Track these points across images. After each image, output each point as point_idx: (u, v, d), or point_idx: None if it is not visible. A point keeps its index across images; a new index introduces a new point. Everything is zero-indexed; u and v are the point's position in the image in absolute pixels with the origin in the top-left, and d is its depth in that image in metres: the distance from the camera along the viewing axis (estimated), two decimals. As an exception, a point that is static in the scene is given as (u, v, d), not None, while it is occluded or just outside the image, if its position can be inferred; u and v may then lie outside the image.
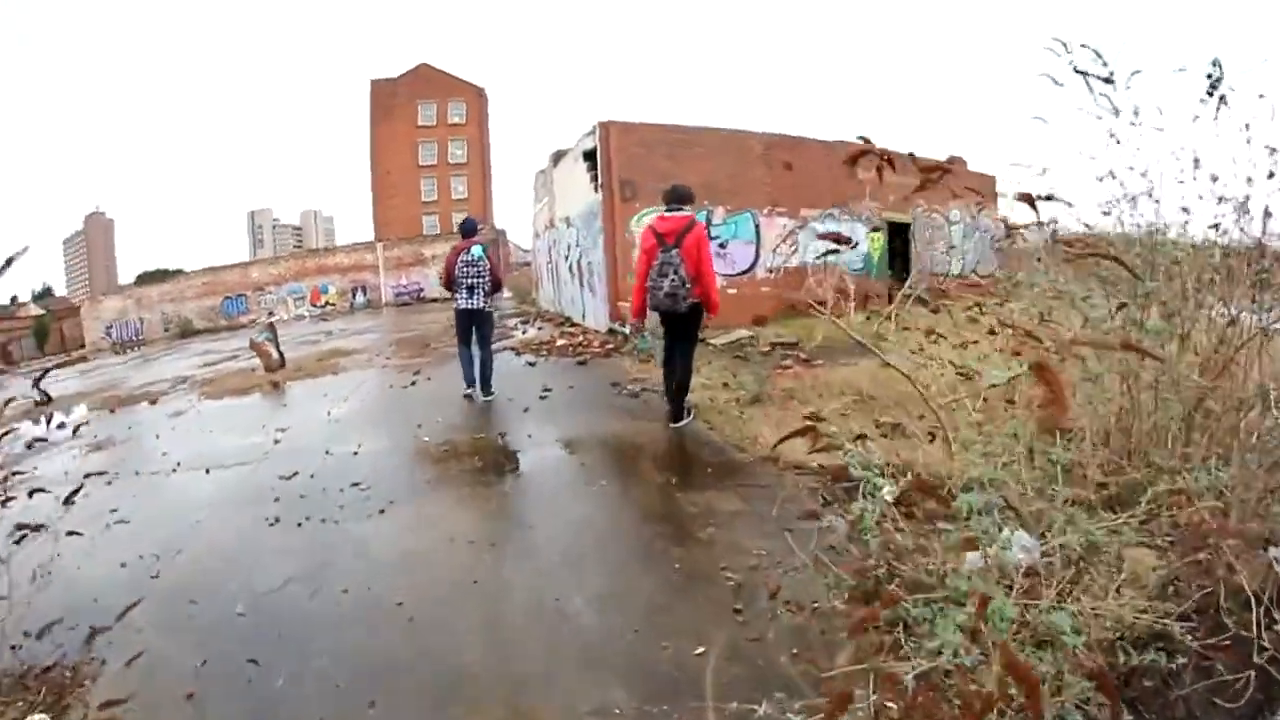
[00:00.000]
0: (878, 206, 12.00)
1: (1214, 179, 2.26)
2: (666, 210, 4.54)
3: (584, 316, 10.75)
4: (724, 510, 3.15)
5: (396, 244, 26.97)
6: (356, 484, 3.78)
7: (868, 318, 9.52)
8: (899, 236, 12.89)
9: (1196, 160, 2.27)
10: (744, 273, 9.49)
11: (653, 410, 4.98)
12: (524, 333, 10.85)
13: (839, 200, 11.16)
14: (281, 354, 8.63)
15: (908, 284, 8.35)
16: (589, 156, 9.18)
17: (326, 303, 25.50)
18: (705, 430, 4.47)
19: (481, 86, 39.73)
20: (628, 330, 7.73)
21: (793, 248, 10.14)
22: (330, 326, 17.58)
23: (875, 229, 11.98)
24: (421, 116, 38.64)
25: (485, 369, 5.67)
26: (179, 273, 26.92)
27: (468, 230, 5.82)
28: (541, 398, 5.62)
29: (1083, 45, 2.24)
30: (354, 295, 25.90)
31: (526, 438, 4.55)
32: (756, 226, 9.62)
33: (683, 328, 4.53)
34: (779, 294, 9.86)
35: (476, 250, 5.54)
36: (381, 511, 3.37)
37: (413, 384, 6.68)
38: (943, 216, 14.04)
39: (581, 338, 8.49)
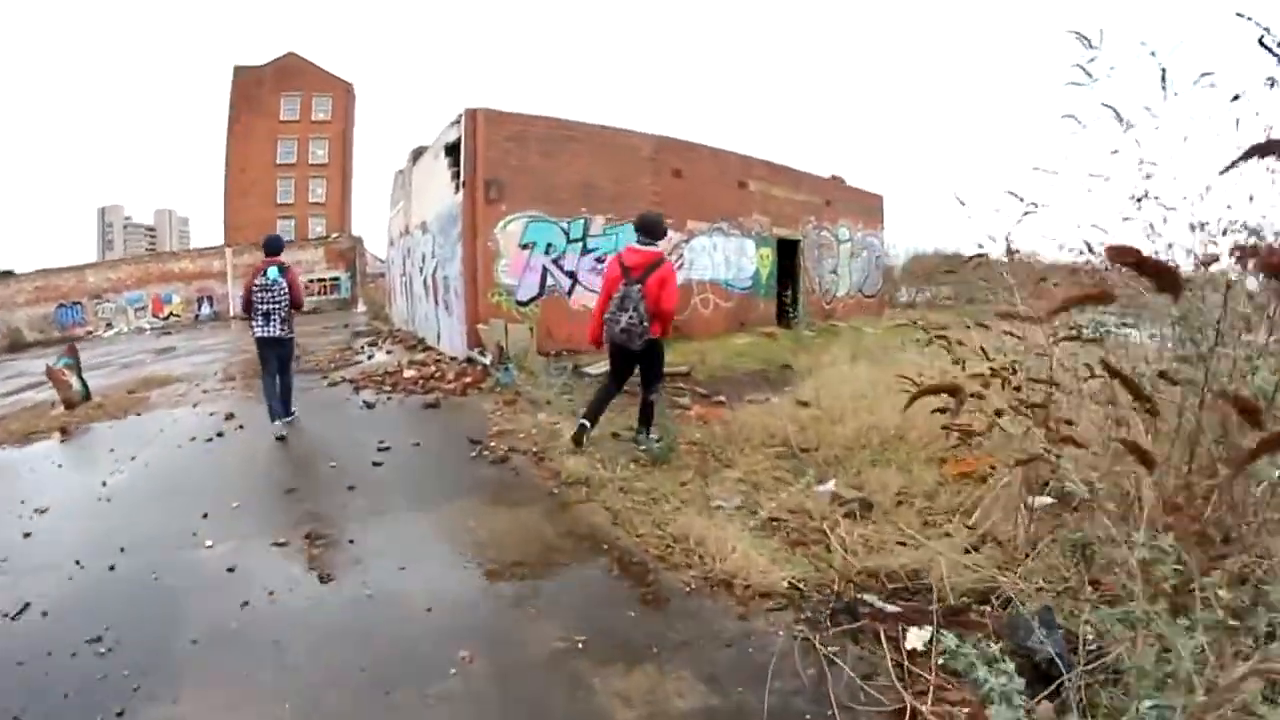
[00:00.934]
0: (768, 221, 12.20)
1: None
2: (637, 242, 4.60)
3: (439, 339, 9.99)
4: (681, 714, 1.96)
5: (247, 250, 24.46)
6: (96, 640, 2.44)
7: (770, 336, 9.26)
8: (788, 254, 13.20)
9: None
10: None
11: (526, 487, 3.92)
12: (369, 357, 9.92)
13: (728, 213, 11.20)
14: (85, 385, 7.14)
15: (799, 308, 8.25)
16: (451, 151, 8.44)
17: (170, 314, 23.70)
18: (608, 526, 3.33)
19: (350, 82, 39.12)
20: (488, 360, 7.12)
21: (678, 263, 9.98)
22: (167, 342, 16.22)
23: (763, 245, 12.15)
24: (284, 111, 37.29)
25: (285, 392, 5.52)
26: (8, 275, 22.82)
27: (271, 248, 5.51)
28: (375, 464, 4.45)
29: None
30: (199, 306, 24.20)
31: (348, 544, 3.25)
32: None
33: (634, 363, 4.68)
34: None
35: (272, 272, 5.24)
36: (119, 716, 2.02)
37: (219, 435, 5.39)
38: (831, 234, 14.57)
39: (434, 367, 7.76)
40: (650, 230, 4.60)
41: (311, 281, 26.91)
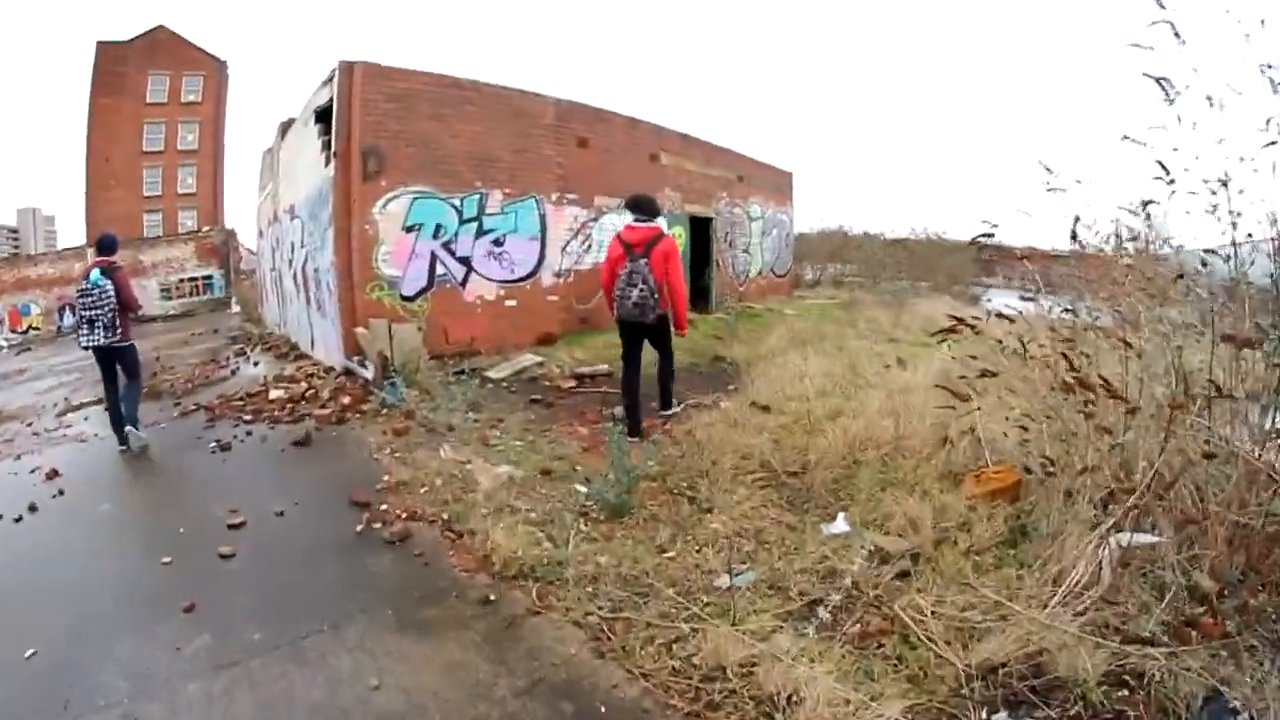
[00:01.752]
0: (680, 198, 11.89)
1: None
2: (634, 220, 5.04)
3: (313, 345, 8.95)
4: None
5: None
6: None
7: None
8: (701, 233, 12.99)
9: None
10: (526, 278, 8.55)
11: (445, 589, 2.95)
12: (234, 371, 8.73)
13: (640, 189, 10.70)
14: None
15: (714, 291, 7.84)
16: (323, 117, 7.37)
17: (30, 327, 22.33)
18: (591, 660, 2.40)
19: (224, 59, 37.95)
20: (370, 373, 6.28)
21: (585, 244, 9.45)
22: (19, 363, 14.75)
23: (676, 223, 11.82)
24: (151, 92, 35.76)
25: (129, 406, 5.28)
26: None
27: (102, 247, 5.36)
28: (224, 555, 3.35)
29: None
30: (60, 316, 22.47)
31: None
32: (542, 217, 8.71)
33: (648, 338, 5.09)
34: (569, 304, 9.17)
35: (94, 275, 5.06)
36: None
37: (31, 510, 4.08)
38: (744, 211, 14.52)
39: (306, 384, 6.80)
40: (647, 209, 5.07)
41: (182, 281, 25.95)
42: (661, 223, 5.23)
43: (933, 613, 2.40)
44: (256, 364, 9.37)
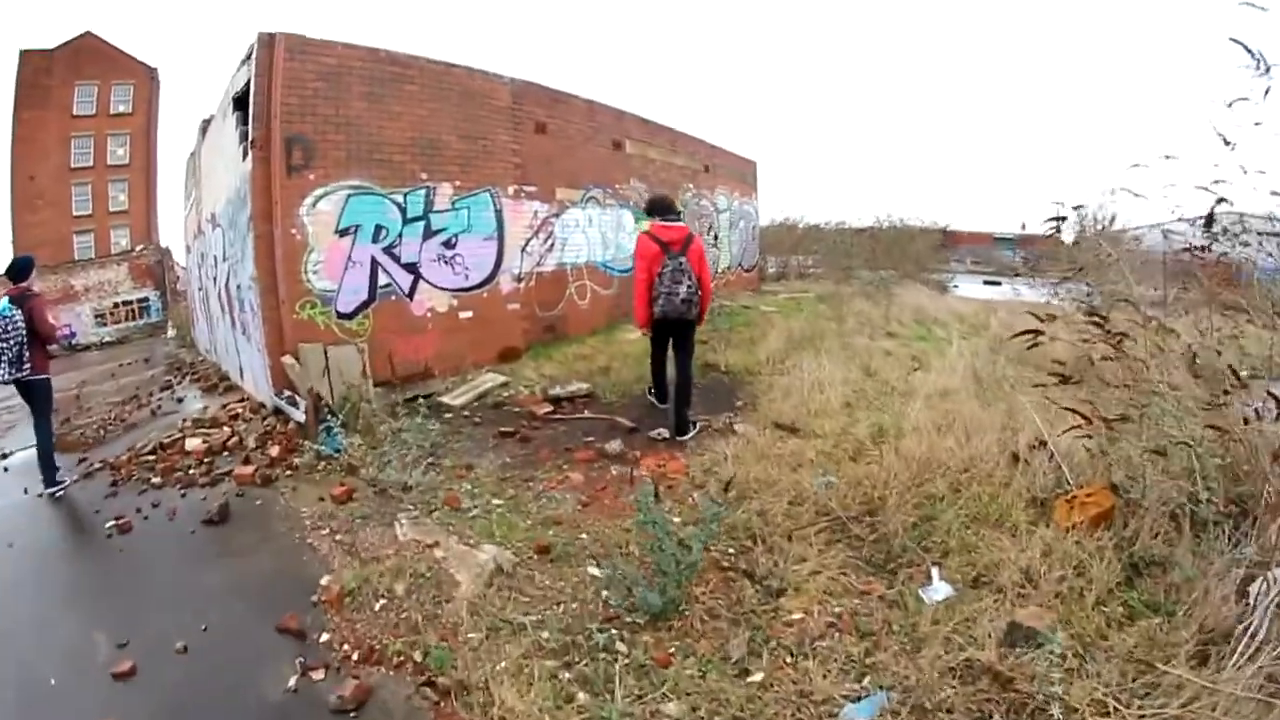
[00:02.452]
0: (645, 189, 11.28)
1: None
2: (662, 220, 5.31)
3: (241, 375, 8.00)
4: None
5: (39, 274, 19.76)
6: None
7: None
8: (668, 227, 12.40)
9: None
10: (482, 284, 7.77)
11: None
12: (155, 411, 7.76)
13: (603, 179, 10.10)
14: None
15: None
16: (241, 103, 6.44)
17: None
18: None
19: (154, 66, 37.34)
20: (302, 414, 5.41)
21: (547, 243, 8.74)
22: None
23: (642, 217, 11.18)
24: (78, 103, 35.06)
25: (41, 445, 5.04)
26: None
27: (12, 273, 5.22)
28: None
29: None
30: None
31: None
32: (498, 213, 7.95)
33: (686, 334, 5.31)
34: (532, 312, 8.45)
35: (2, 304, 4.95)
36: None
37: None
38: (710, 202, 14.06)
39: (229, 429, 5.87)
40: (670, 209, 5.45)
41: (117, 305, 24.90)
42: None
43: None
44: (181, 399, 8.37)
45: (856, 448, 4.32)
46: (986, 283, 23.72)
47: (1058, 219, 3.50)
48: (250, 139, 6.03)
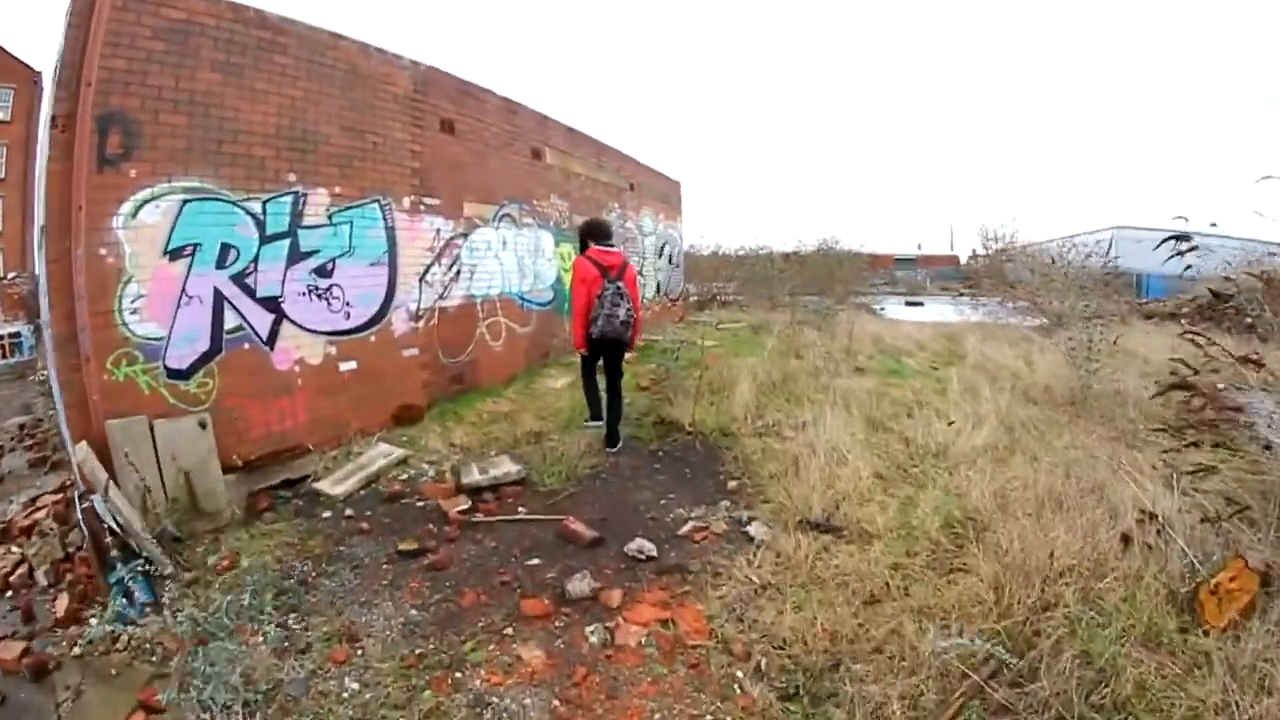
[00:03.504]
0: (567, 208, 10.26)
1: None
2: (600, 245, 6.02)
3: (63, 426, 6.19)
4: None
5: None
6: None
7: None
8: (591, 251, 11.42)
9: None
10: (369, 325, 6.41)
11: None
12: None
13: (520, 193, 8.99)
14: None
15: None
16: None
17: None
18: None
19: (38, 70, 34.59)
20: (117, 520, 3.81)
21: (453, 271, 7.50)
22: None
23: (565, 240, 10.12)
24: None
25: None
26: None
27: None
28: None
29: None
30: None
31: None
32: (391, 231, 6.64)
33: (618, 355, 6.02)
34: (435, 358, 7.16)
35: None
36: None
37: None
38: (635, 226, 13.29)
39: (17, 548, 4.21)
40: (609, 234, 6.14)
41: None
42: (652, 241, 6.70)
43: None
44: (2, 478, 6.37)
45: (932, 550, 3.46)
46: (909, 303, 24.71)
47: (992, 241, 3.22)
48: (51, 114, 4.48)
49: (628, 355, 6.20)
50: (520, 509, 4.72)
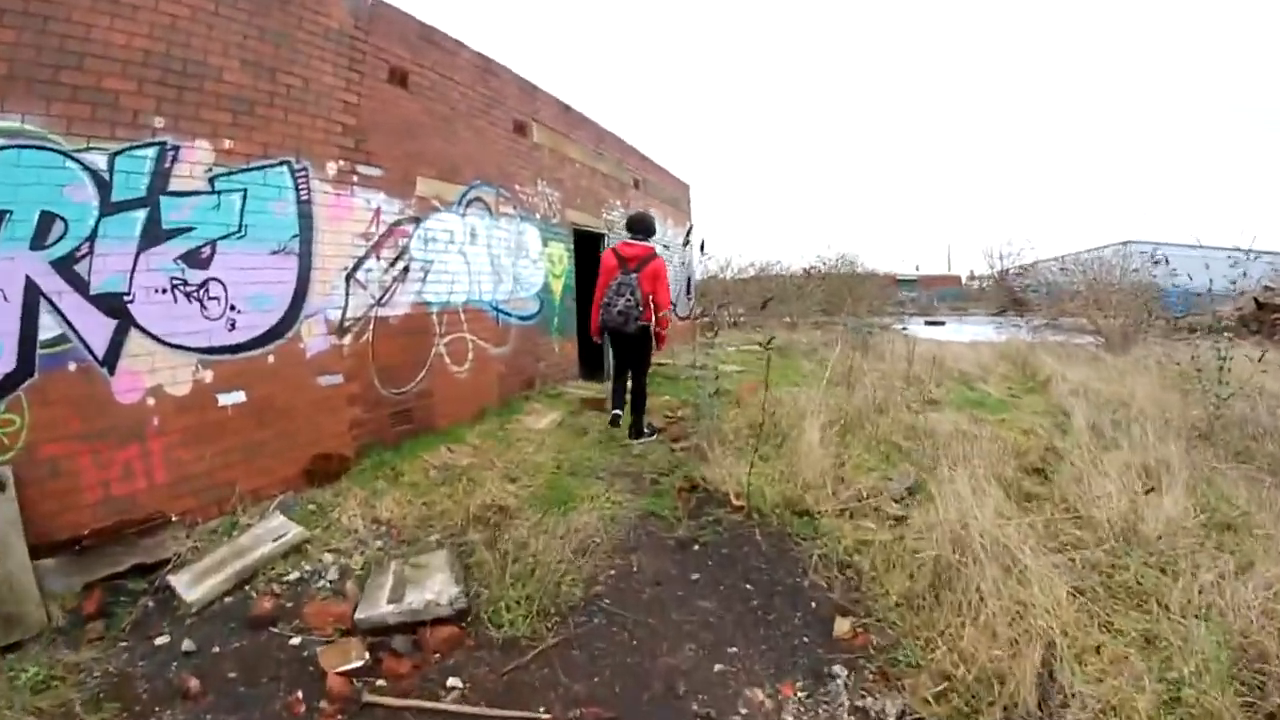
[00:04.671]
0: (560, 199, 8.81)
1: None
2: (631, 237, 6.56)
3: None
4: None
5: None
6: None
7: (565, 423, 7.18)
8: (588, 254, 10.00)
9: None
10: (267, 339, 4.88)
11: None
12: None
13: (497, 174, 7.51)
14: None
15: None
16: None
17: None
18: None
19: None
20: None
21: (397, 265, 5.97)
22: None
23: (555, 238, 8.62)
24: None
25: None
26: None
27: None
28: None
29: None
30: None
31: None
32: (305, 207, 5.13)
33: (630, 348, 6.48)
34: (369, 388, 5.61)
35: None
36: None
37: None
38: (643, 227, 11.78)
39: None
40: (646, 230, 6.62)
41: None
42: (654, 243, 6.72)
43: None
44: None
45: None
46: (929, 323, 24.19)
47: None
48: None
49: (661, 352, 6.61)
50: (452, 685, 2.96)
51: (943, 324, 25.53)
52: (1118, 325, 13.54)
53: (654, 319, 6.27)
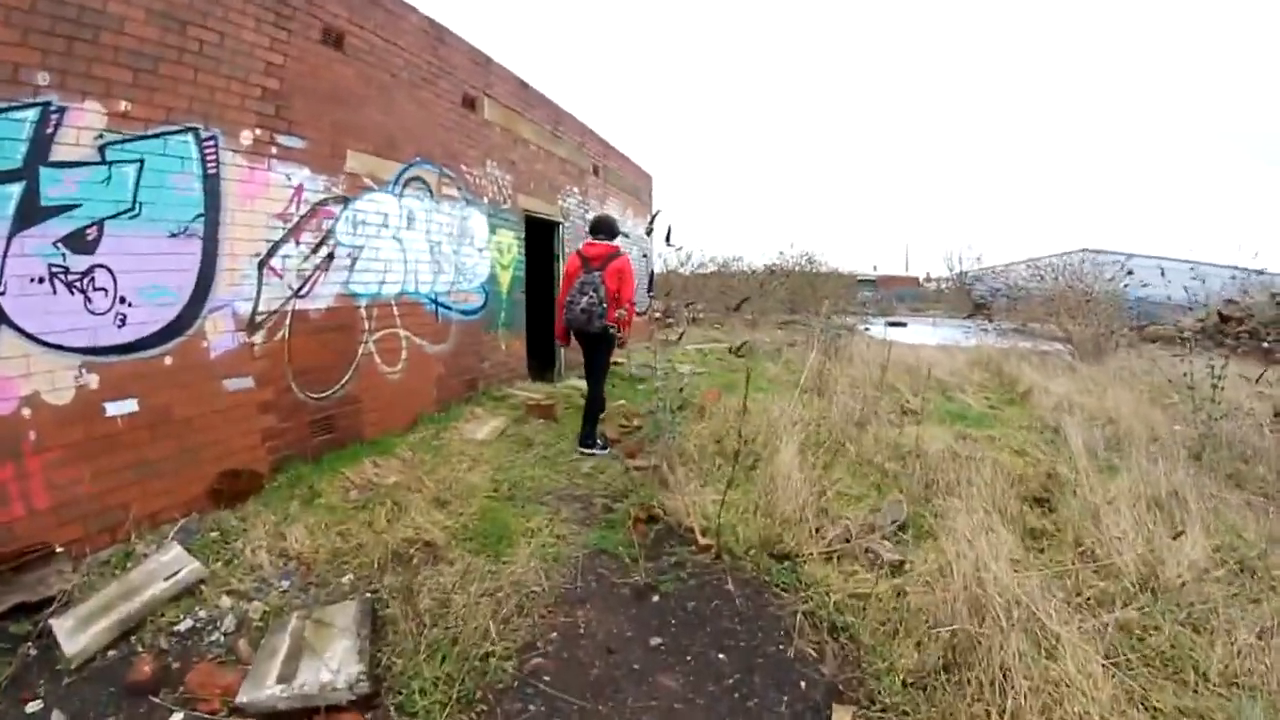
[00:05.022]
0: (511, 183, 8.30)
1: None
2: (594, 238, 6.47)
3: None
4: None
5: None
6: None
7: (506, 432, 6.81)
8: (541, 243, 9.51)
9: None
10: (164, 336, 4.30)
11: None
12: None
13: (443, 154, 6.99)
14: None
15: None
16: None
17: None
18: None
19: None
20: None
21: (321, 250, 5.43)
22: None
23: (504, 225, 8.10)
24: None
25: None
26: None
27: None
28: None
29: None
30: None
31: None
32: (213, 180, 4.54)
33: (591, 347, 6.37)
34: (286, 393, 5.07)
35: None
36: None
37: None
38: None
39: None
40: (609, 231, 6.54)
41: None
42: (620, 242, 6.63)
43: None
44: None
45: None
46: (890, 324, 24.20)
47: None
48: None
49: (616, 351, 6.56)
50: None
51: (904, 325, 25.53)
52: (1089, 333, 13.58)
53: (616, 316, 6.09)
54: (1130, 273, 14.36)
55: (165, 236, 4.30)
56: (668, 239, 6.48)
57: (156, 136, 4.25)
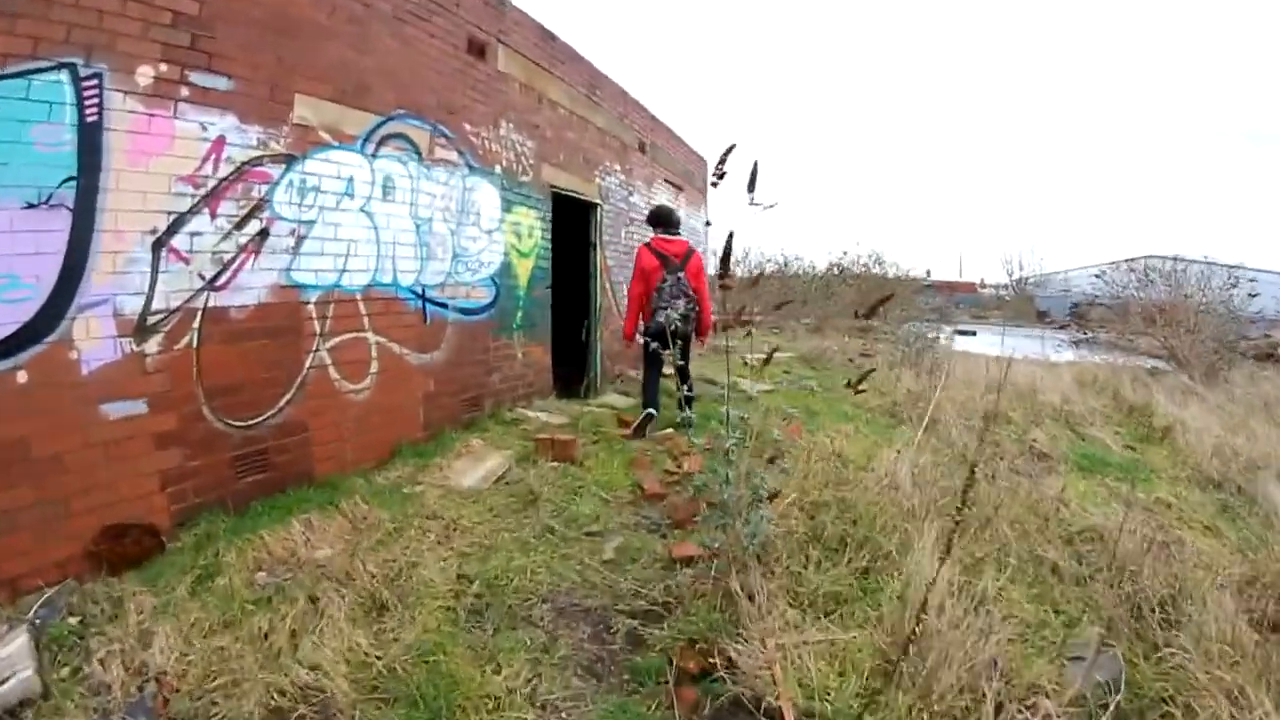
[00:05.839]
0: (534, 150, 7.25)
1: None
2: (664, 233, 6.53)
3: None
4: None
5: None
6: None
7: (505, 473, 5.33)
8: (575, 227, 8.77)
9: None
10: (11, 345, 3.33)
11: None
12: None
13: (439, 109, 5.99)
14: None
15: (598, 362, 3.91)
16: None
17: None
18: None
19: None
20: None
21: (250, 224, 4.38)
22: None
23: (523, 203, 7.03)
24: None
25: None
26: None
27: None
28: None
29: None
30: None
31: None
32: (92, 130, 3.58)
33: (685, 348, 5.83)
34: (198, 418, 4.07)
35: None
36: None
37: None
38: (646, 202, 10.60)
39: None
40: (673, 222, 6.62)
41: None
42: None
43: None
44: None
45: None
46: (959, 333, 23.28)
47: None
48: None
49: (698, 348, 6.64)
50: None
51: (974, 334, 24.50)
52: (1204, 351, 12.74)
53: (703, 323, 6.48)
54: (1235, 285, 13.47)
55: (19, 208, 3.30)
56: (751, 184, 4.05)
57: (16, 76, 3.26)
